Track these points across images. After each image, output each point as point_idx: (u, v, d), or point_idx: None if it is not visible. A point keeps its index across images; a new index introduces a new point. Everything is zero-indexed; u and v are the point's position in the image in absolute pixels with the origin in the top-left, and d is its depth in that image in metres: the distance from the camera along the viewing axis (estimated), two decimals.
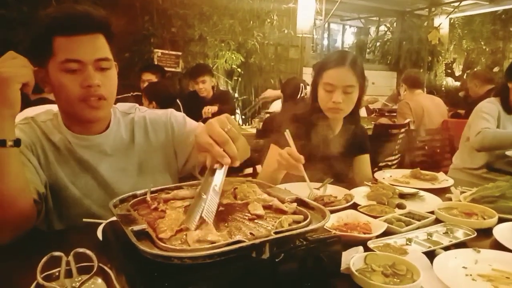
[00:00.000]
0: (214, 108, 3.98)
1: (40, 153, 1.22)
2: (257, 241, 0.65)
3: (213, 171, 0.82)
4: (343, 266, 0.87)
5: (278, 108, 4.31)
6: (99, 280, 0.82)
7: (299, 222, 0.78)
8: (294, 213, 0.83)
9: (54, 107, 1.31)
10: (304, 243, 0.77)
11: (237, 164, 0.85)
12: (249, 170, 3.43)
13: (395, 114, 4.59)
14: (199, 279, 0.65)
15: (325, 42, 9.73)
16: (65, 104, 1.19)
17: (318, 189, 1.54)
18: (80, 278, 0.78)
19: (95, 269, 0.81)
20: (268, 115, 4.02)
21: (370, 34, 10.17)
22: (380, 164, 3.30)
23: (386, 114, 4.72)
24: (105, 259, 0.84)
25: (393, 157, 3.48)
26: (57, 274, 0.79)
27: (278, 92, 4.56)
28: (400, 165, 3.57)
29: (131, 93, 4.10)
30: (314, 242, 0.77)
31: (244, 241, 0.66)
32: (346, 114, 1.76)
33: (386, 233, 1.13)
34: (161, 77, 4.15)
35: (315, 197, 1.41)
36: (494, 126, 2.45)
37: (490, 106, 2.52)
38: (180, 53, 5.87)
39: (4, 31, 4.24)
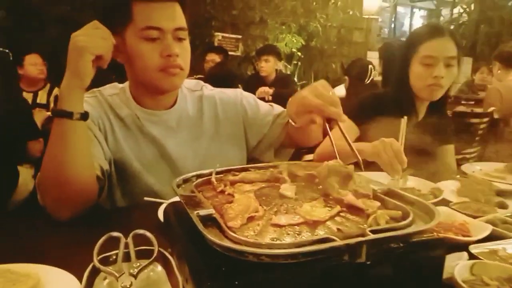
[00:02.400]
0: (270, 91, 3.88)
1: (107, 128, 1.18)
2: (352, 241, 0.51)
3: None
4: (445, 274, 0.71)
5: (341, 93, 4.08)
6: (159, 268, 0.74)
7: (396, 219, 0.63)
8: (385, 207, 0.68)
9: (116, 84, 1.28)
10: (401, 245, 0.62)
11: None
12: (309, 157, 3.27)
13: (472, 102, 4.15)
14: (276, 280, 0.52)
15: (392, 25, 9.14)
16: (141, 74, 1.14)
17: (397, 180, 1.35)
18: (138, 264, 0.70)
19: (155, 254, 0.72)
20: None
21: (442, 16, 9.37)
22: (456, 157, 2.97)
23: (463, 102, 4.27)
24: (166, 243, 0.76)
25: (472, 150, 3.13)
26: (114, 257, 0.72)
27: None
28: (479, 159, 3.20)
29: (194, 76, 4.12)
30: (415, 245, 0.62)
31: (334, 239, 0.52)
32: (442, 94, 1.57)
33: (489, 237, 0.93)
34: (225, 58, 4.14)
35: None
36: None
37: None
38: (240, 37, 5.81)
39: None
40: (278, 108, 1.37)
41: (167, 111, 1.24)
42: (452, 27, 8.54)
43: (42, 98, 3.73)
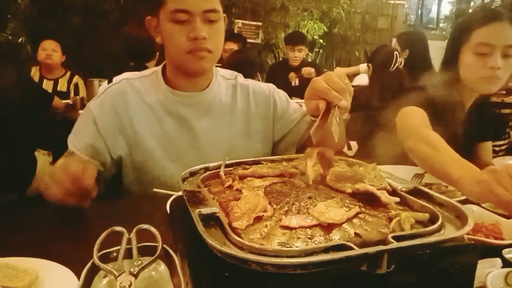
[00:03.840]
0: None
1: (124, 116, 1.17)
2: (372, 250, 0.45)
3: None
4: (475, 283, 0.63)
5: (363, 81, 3.93)
6: (162, 266, 0.69)
7: (423, 222, 0.56)
8: (410, 207, 0.61)
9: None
10: (428, 251, 0.55)
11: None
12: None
13: (504, 92, 3.93)
14: None
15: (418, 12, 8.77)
16: (172, 55, 1.16)
17: (422, 174, 1.27)
18: (140, 262, 0.65)
19: (158, 252, 0.68)
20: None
21: (473, 1, 8.92)
22: None
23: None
24: (171, 239, 0.72)
25: (502, 142, 2.96)
26: (115, 254, 0.68)
27: (356, 68, 4.32)
28: (509, 152, 3.03)
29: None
30: (445, 251, 0.55)
31: (350, 247, 0.46)
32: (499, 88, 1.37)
33: None
34: (243, 47, 4.04)
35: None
36: None
37: None
38: (260, 24, 5.69)
39: None
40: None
41: (200, 93, 1.23)
42: None
43: (62, 86, 3.76)
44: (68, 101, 3.35)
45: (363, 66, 4.28)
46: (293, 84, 4.01)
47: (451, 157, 1.06)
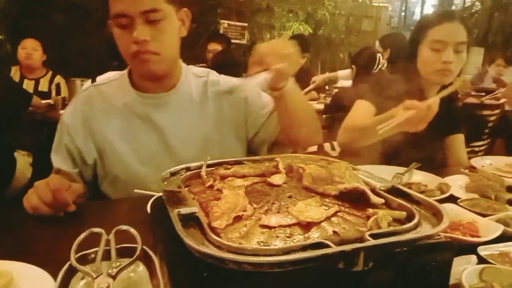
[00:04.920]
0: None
1: (92, 122, 1.17)
2: (348, 247, 0.46)
3: None
4: (451, 280, 0.65)
5: (348, 83, 3.97)
6: (141, 267, 0.69)
7: (400, 220, 0.57)
8: (387, 206, 0.61)
9: None
10: (405, 249, 0.55)
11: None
12: (313, 148, 3.19)
13: (483, 94, 4.02)
14: None
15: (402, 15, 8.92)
16: (126, 60, 1.13)
17: (402, 174, 1.29)
18: (118, 263, 0.64)
19: (137, 253, 0.67)
20: (336, 90, 3.71)
21: (455, 5, 9.11)
22: None
23: (473, 93, 4.15)
24: (152, 240, 0.71)
25: (480, 143, 3.03)
26: (93, 256, 0.67)
27: (334, 74, 4.41)
28: (489, 152, 3.10)
29: (196, 65, 4.03)
30: (421, 249, 0.56)
31: (327, 245, 0.46)
32: (452, 79, 1.51)
33: (499, 238, 0.86)
34: (227, 47, 4.01)
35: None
36: None
37: None
38: (246, 24, 5.69)
39: None
40: None
41: (167, 93, 1.20)
42: (464, 15, 8.32)
43: (43, 86, 3.68)
44: (49, 101, 3.28)
45: (342, 72, 4.34)
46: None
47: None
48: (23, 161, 2.22)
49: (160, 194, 0.84)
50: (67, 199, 0.94)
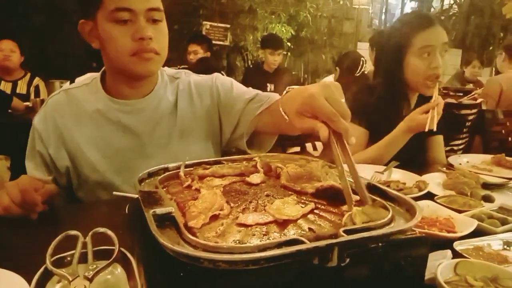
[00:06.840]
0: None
1: (63, 128, 1.12)
2: (322, 243, 0.46)
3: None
4: (427, 275, 0.66)
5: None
6: (119, 270, 0.67)
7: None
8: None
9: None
10: (380, 245, 0.56)
11: None
12: (296, 149, 3.19)
13: (461, 94, 4.12)
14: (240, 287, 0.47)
15: (382, 17, 9.06)
16: (114, 59, 1.06)
17: (381, 173, 1.31)
18: (95, 266, 0.63)
19: (114, 255, 0.66)
20: None
21: (433, 8, 9.32)
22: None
23: (451, 93, 4.24)
24: (130, 242, 0.70)
25: (459, 141, 3.10)
26: (69, 259, 0.65)
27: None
28: (467, 151, 3.18)
29: (178, 66, 3.99)
30: (394, 244, 0.57)
31: (302, 241, 0.47)
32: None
33: (474, 233, 0.89)
34: (208, 49, 3.99)
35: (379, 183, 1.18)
36: None
37: None
38: (228, 26, 5.68)
39: None
40: (250, 92, 1.22)
41: (142, 100, 1.15)
42: (442, 18, 8.52)
43: (22, 88, 3.60)
44: (27, 103, 3.21)
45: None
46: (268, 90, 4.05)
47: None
48: (0, 165, 2.17)
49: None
50: (35, 199, 0.91)
